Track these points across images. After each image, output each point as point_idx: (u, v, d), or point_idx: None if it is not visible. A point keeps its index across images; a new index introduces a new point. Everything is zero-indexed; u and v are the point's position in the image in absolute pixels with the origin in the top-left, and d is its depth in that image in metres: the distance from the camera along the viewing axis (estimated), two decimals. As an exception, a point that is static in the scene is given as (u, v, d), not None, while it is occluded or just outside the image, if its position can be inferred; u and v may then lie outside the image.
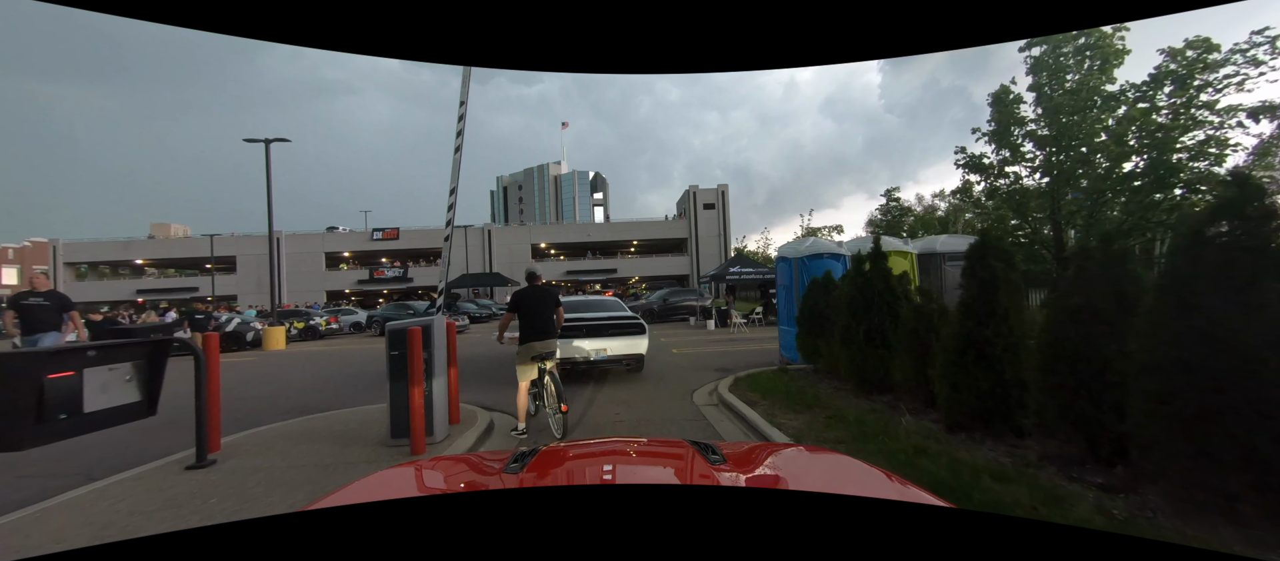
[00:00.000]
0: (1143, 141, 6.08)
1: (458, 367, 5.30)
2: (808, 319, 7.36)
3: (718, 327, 17.98)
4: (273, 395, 8.12)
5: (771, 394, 6.28)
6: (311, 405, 7.00)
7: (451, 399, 5.27)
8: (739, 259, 19.81)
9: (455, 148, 5.29)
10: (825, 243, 8.80)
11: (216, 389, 4.47)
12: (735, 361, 9.61)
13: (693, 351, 11.62)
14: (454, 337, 5.34)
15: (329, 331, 20.88)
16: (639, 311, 22.73)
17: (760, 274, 19.23)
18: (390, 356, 4.49)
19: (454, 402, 5.33)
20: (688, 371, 8.78)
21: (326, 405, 6.95)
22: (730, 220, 45.77)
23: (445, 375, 4.88)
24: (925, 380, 4.86)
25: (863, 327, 5.77)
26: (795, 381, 6.87)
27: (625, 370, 8.80)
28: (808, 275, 8.32)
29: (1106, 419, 3.02)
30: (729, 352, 11.03)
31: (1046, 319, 3.39)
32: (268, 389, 8.73)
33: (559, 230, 49.93)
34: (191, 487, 3.74)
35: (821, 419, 5.07)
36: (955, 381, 4.11)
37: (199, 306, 15.85)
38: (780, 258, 9.00)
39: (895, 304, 5.80)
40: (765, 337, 13.94)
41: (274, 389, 8.70)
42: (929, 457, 3.70)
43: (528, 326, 4.95)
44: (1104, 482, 3.04)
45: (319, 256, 44.84)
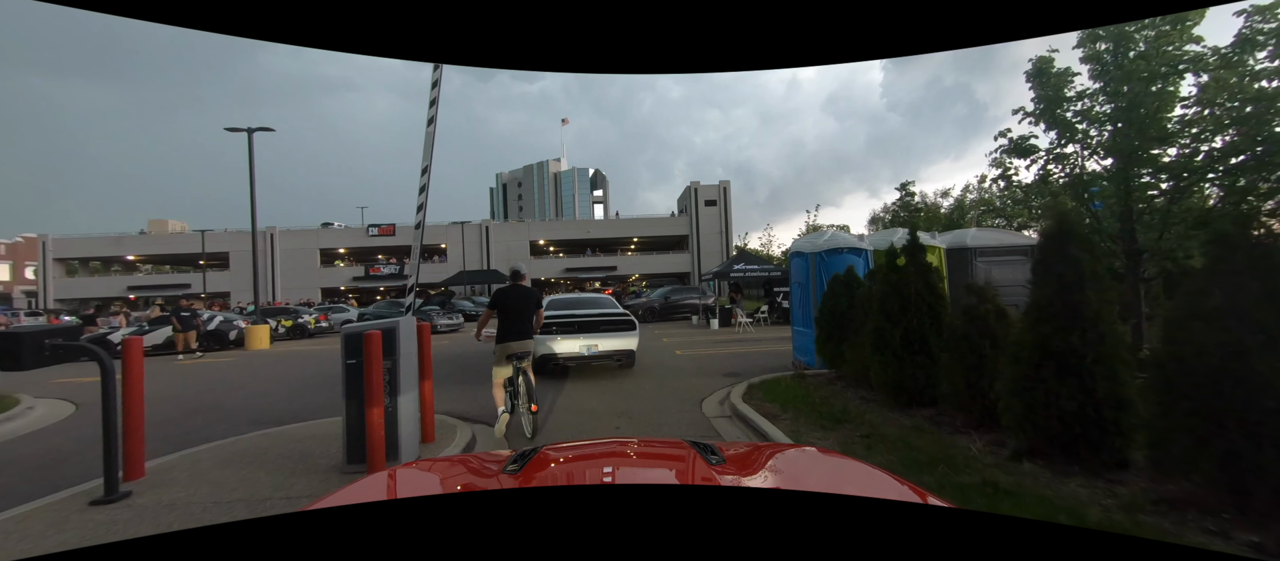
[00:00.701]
0: (1237, 113, 5.25)
1: (432, 379, 4.56)
2: (829, 320, 6.61)
3: (721, 327, 17.25)
4: (236, 403, 7.38)
5: (793, 405, 5.54)
6: (275, 415, 6.26)
7: (425, 414, 4.53)
8: (743, 256, 19.05)
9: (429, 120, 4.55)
10: (845, 236, 8.06)
11: (138, 404, 3.72)
12: (744, 365, 8.87)
13: (697, 353, 10.89)
14: (428, 342, 4.60)
15: (318, 330, 20.10)
16: (639, 310, 22.11)
17: (765, 271, 18.48)
18: (346, 366, 3.75)
19: (428, 417, 4.59)
20: (694, 376, 8.04)
21: (293, 414, 6.21)
22: (732, 217, 45.01)
23: (416, 388, 4.14)
24: (980, 394, 4.12)
25: (899, 331, 5.03)
26: (817, 390, 6.13)
27: (617, 365, 8.79)
28: (826, 272, 7.58)
29: (1266, 459, 2.28)
30: (737, 355, 10.29)
31: (1170, 325, 2.64)
32: (233, 395, 7.98)
33: (558, 227, 49.13)
34: (85, 532, 3.00)
35: (857, 437, 4.33)
36: (1030, 399, 3.37)
37: (185, 304, 15.03)
38: (795, 253, 8.25)
39: (936, 304, 5.06)
40: (772, 338, 13.19)
41: (241, 395, 7.95)
42: (1009, 497, 2.96)
43: (506, 326, 4.91)
44: (1260, 541, 2.31)
45: (314, 253, 44.07)
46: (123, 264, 47.00)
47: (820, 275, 7.62)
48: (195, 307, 15.12)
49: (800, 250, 8.00)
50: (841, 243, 7.74)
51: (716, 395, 6.63)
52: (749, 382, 6.91)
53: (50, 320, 24.41)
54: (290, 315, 19.79)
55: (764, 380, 7.00)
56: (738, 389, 6.58)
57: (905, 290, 5.12)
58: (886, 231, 8.38)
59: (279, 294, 42.17)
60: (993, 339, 4.10)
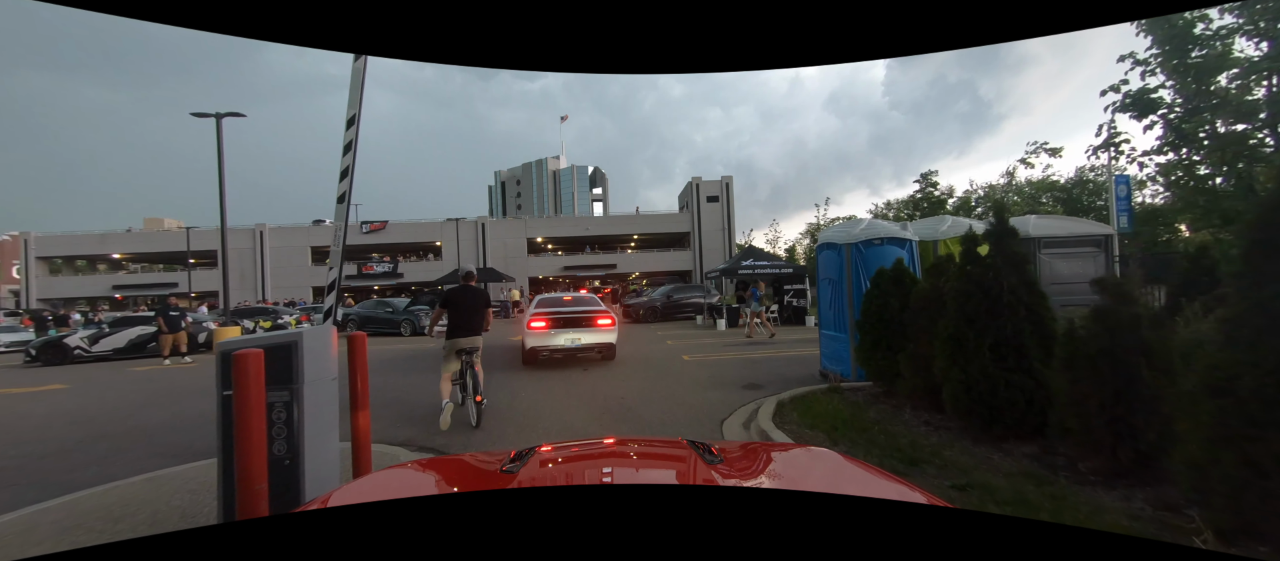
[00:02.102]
0: None
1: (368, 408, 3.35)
2: (875, 324, 5.43)
3: (728, 327, 16.07)
4: (159, 425, 6.16)
5: (840, 431, 4.37)
6: (193, 445, 5.06)
7: (359, 452, 3.34)
8: (751, 252, 17.85)
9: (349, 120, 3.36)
10: (885, 225, 6.88)
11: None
12: (764, 374, 7.69)
13: (708, 359, 9.70)
14: (363, 359, 3.40)
15: (299, 331, 18.90)
16: (640, 309, 20.90)
17: (775, 268, 17.28)
18: (220, 400, 2.56)
19: (364, 455, 3.39)
20: (708, 388, 6.86)
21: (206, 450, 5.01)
22: (735, 214, 43.81)
23: (335, 431, 2.94)
24: (1128, 431, 2.94)
25: (987, 340, 3.85)
26: (863, 410, 4.95)
27: (600, 358, 9.47)
28: (865, 266, 6.40)
29: None
30: (753, 361, 9.10)
31: None
32: (162, 414, 6.74)
33: (556, 223, 47.80)
34: None
35: (944, 487, 3.15)
36: (1249, 453, 2.19)
37: (175, 302, 13.79)
38: (824, 244, 7.06)
39: (1037, 305, 3.88)
40: (789, 341, 12.00)
41: (170, 414, 6.71)
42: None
43: (455, 323, 5.20)
44: None
45: (305, 251, 42.83)
46: (110, 262, 45.72)
47: (857, 270, 6.44)
48: (184, 307, 13.89)
49: (831, 241, 6.81)
50: (881, 232, 6.55)
51: (739, 414, 5.45)
52: (776, 399, 5.72)
53: (23, 322, 23.18)
54: (269, 315, 18.59)
55: (795, 396, 5.81)
56: (765, 406, 5.40)
57: (993, 286, 3.93)
58: (930, 219, 7.19)
59: (269, 293, 40.94)
60: (1148, 354, 2.91)
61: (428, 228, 43.55)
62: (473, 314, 5.28)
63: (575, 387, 7.20)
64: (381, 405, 6.31)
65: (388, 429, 5.31)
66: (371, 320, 18.44)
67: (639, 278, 45.19)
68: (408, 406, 6.42)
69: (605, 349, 9.09)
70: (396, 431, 5.26)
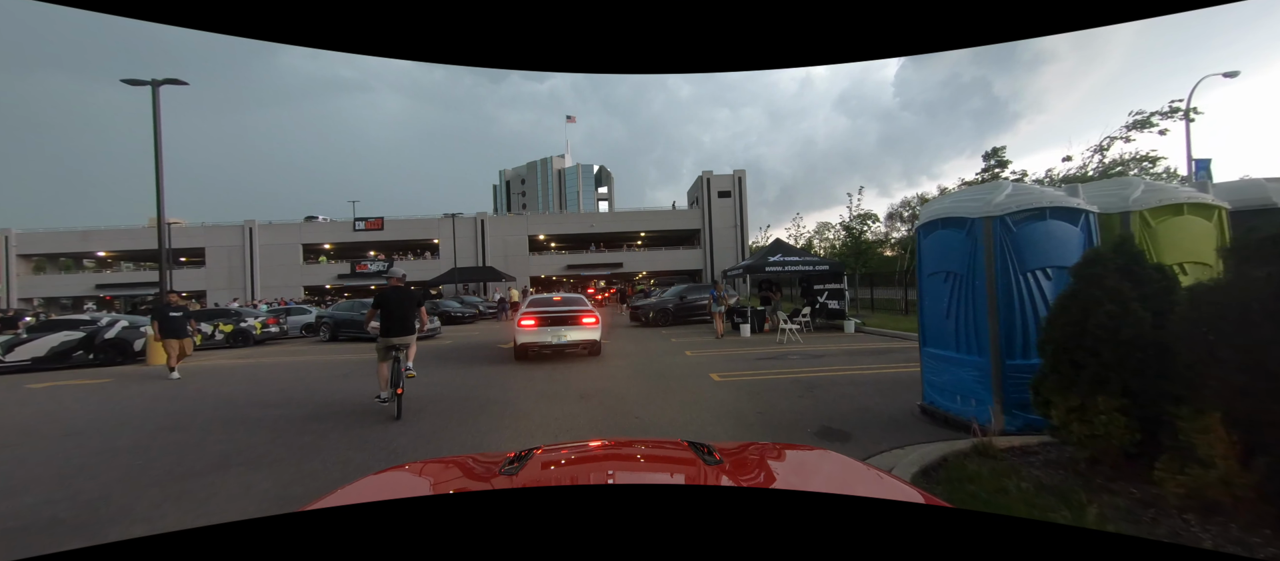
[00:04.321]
0: None
1: None
2: (1071, 350, 3.12)
3: (754, 333, 13.76)
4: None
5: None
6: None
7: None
8: (779, 247, 15.48)
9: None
10: (1047, 191, 4.56)
11: None
12: (838, 408, 5.39)
13: (743, 377, 7.40)
14: None
15: (267, 336, 16.68)
16: (650, 311, 18.62)
17: (809, 264, 14.92)
18: None
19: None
20: (758, 432, 4.58)
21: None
22: (747, 209, 41.42)
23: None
24: None
25: None
26: (1077, 499, 2.67)
27: (586, 355, 9.84)
28: (1018, 252, 4.10)
29: None
30: (809, 383, 6.80)
31: None
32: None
33: (559, 220, 45.48)
34: None
35: None
36: None
37: (177, 300, 10.78)
38: (937, 221, 4.75)
39: None
40: (833, 352, 9.63)
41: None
42: None
43: (387, 322, 5.73)
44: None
45: (296, 248, 40.87)
46: (98, 261, 43.94)
47: (1006, 257, 4.13)
48: (187, 305, 10.95)
49: (954, 215, 4.49)
50: (1040, 200, 4.23)
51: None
52: (889, 462, 3.43)
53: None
54: (230, 318, 16.44)
55: (923, 463, 3.51)
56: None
57: None
58: (1110, 183, 4.84)
59: (258, 292, 38.99)
60: None
61: (425, 225, 41.48)
62: (401, 312, 5.77)
63: (577, 427, 4.94)
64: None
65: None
66: (346, 324, 16.25)
67: (646, 277, 42.87)
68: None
69: (590, 345, 9.70)
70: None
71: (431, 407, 6.05)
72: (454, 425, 5.29)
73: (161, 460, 4.41)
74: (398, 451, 4.47)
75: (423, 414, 5.72)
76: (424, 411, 5.84)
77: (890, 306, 19.11)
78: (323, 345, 15.52)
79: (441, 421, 5.43)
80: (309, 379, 8.67)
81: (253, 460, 4.30)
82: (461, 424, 5.35)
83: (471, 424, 5.34)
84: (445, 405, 6.20)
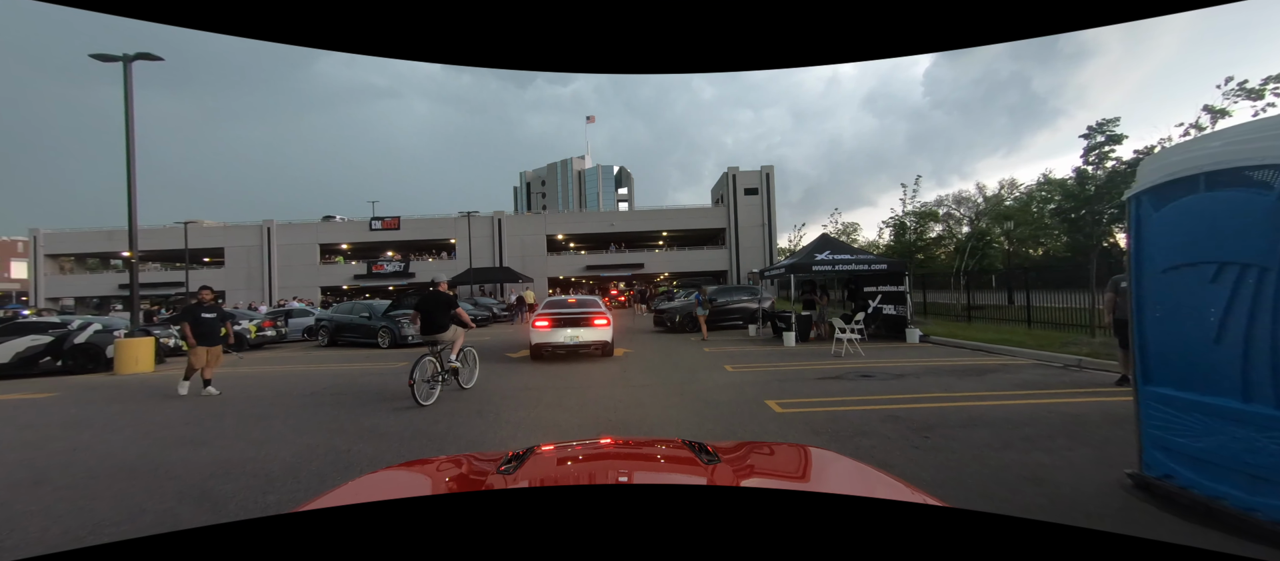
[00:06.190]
0: None
1: None
2: None
3: (799, 343, 11.90)
4: None
5: None
6: None
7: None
8: (827, 242, 13.55)
9: None
10: None
11: None
12: (978, 474, 3.61)
13: (814, 413, 5.62)
14: None
15: (262, 340, 15.47)
16: (676, 314, 16.88)
17: (863, 262, 12.97)
18: None
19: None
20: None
21: None
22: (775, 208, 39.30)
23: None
24: None
25: None
26: None
27: (600, 354, 10.12)
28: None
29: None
30: (907, 421, 4.99)
31: None
32: None
33: (578, 219, 44.01)
34: None
35: None
36: None
37: (209, 298, 8.41)
38: (1203, 176, 2.93)
39: None
40: (915, 370, 7.71)
41: None
42: None
43: (424, 324, 6.77)
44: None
45: (313, 248, 40.36)
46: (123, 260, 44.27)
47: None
48: (220, 305, 8.37)
49: (1248, 162, 2.66)
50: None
51: None
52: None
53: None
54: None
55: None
56: None
57: None
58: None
59: (276, 292, 38.52)
60: None
61: (442, 224, 40.53)
62: (435, 315, 6.73)
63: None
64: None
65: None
66: (345, 328, 14.92)
67: (668, 278, 41.07)
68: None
69: (602, 345, 9.96)
70: None
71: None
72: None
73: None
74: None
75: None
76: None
77: (944, 312, 16.97)
78: (318, 351, 14.20)
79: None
80: (255, 415, 7.18)
81: None
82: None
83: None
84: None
